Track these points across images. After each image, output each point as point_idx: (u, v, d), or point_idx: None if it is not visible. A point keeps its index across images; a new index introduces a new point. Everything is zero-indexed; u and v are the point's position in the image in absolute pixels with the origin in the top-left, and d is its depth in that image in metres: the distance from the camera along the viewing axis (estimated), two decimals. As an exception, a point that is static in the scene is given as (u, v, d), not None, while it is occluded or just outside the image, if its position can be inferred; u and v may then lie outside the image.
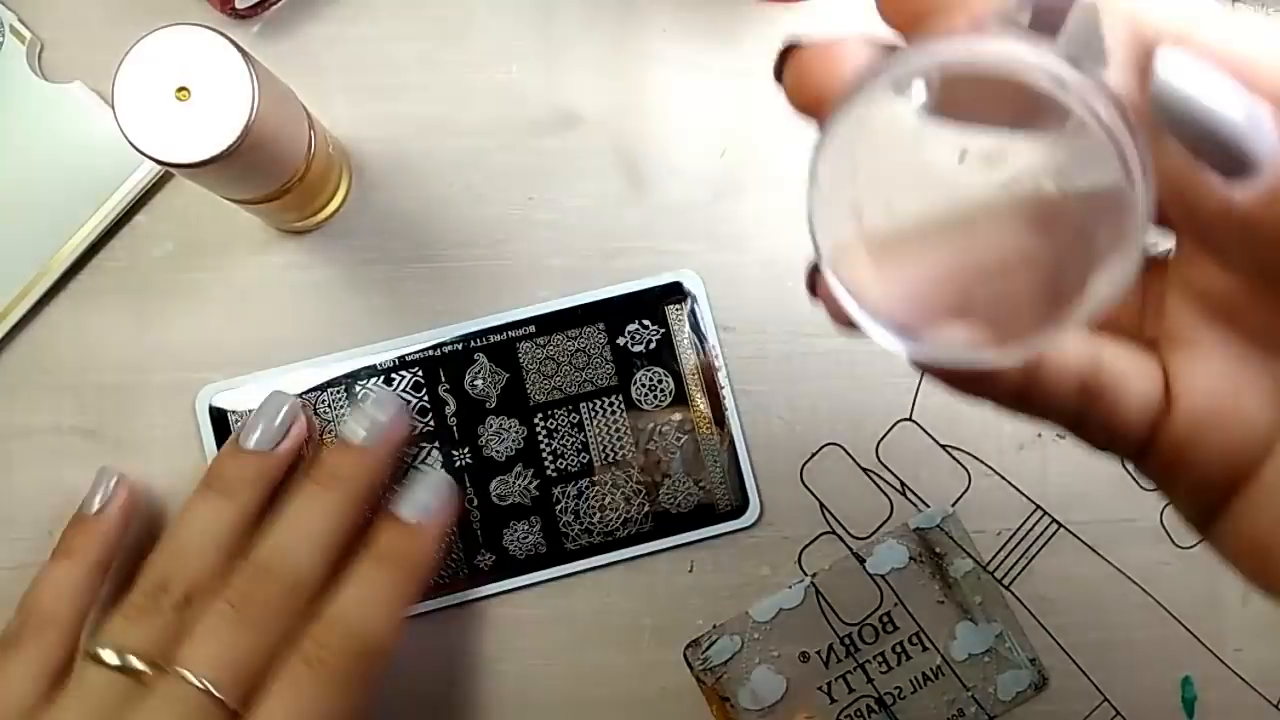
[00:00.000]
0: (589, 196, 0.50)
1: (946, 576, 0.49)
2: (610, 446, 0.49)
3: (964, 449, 0.50)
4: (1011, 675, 0.49)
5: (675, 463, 0.49)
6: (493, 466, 0.49)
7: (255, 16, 0.50)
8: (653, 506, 0.49)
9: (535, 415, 0.49)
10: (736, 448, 0.49)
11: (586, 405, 0.49)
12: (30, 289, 0.49)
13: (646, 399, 0.49)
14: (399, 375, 0.49)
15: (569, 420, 0.49)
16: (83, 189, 0.49)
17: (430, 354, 0.49)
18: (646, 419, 0.49)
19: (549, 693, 0.49)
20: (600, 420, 0.49)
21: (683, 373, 0.49)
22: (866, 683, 0.49)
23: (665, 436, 0.49)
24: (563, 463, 0.49)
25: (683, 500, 0.49)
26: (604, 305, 0.49)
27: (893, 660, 0.49)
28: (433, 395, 0.49)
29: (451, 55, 0.51)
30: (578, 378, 0.49)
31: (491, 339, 0.49)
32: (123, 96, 0.37)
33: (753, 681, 0.49)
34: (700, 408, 0.49)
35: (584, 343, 0.49)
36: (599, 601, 0.50)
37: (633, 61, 0.51)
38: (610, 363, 0.49)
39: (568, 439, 0.49)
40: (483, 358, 0.49)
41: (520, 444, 0.49)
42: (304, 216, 0.48)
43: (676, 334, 0.49)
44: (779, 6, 0.51)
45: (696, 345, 0.49)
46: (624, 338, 0.49)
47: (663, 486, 0.49)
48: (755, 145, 0.50)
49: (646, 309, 0.49)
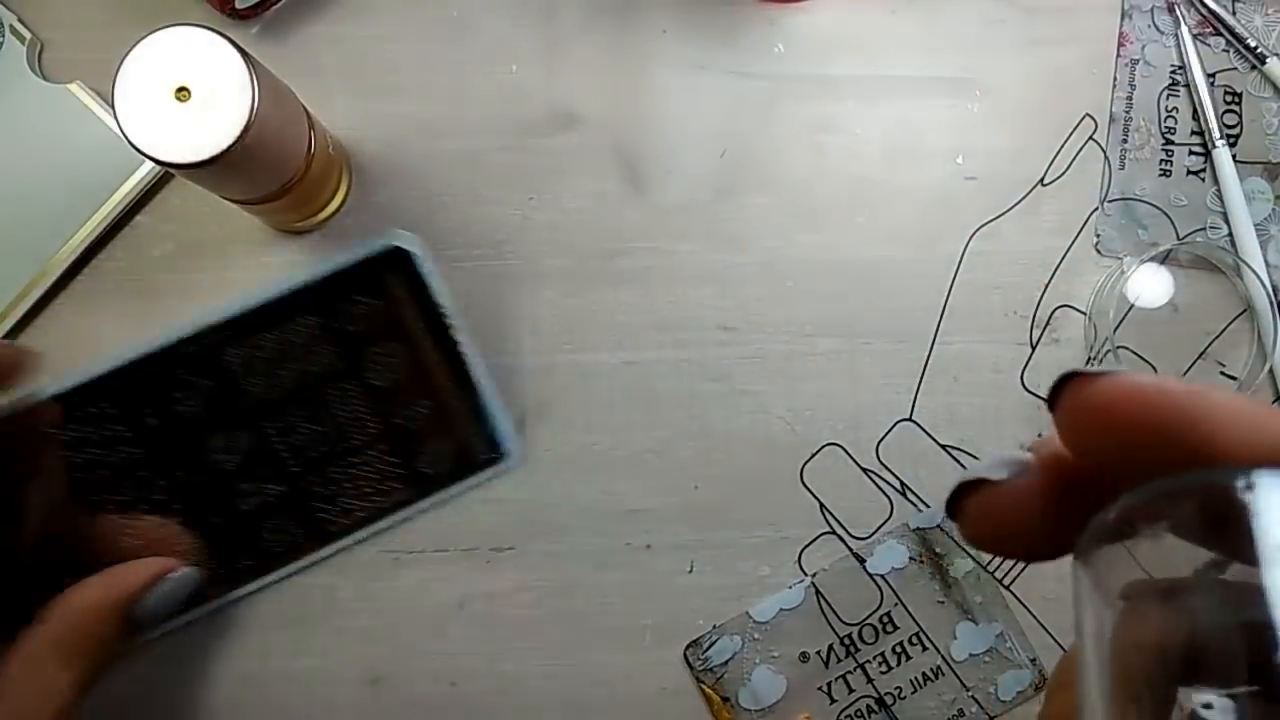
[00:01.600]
0: (589, 196, 0.50)
1: (947, 576, 0.49)
2: (353, 427, 0.48)
3: (964, 449, 0.50)
4: (1012, 675, 0.49)
5: (425, 426, 0.48)
6: (228, 476, 0.47)
7: (255, 16, 0.50)
8: (410, 473, 0.48)
9: (263, 417, 0.47)
10: (482, 398, 0.48)
11: (318, 393, 0.47)
12: (30, 289, 0.49)
13: (381, 373, 0.48)
14: (96, 408, 0.46)
15: (303, 412, 0.47)
16: (83, 189, 0.49)
17: (124, 381, 0.46)
18: (385, 391, 0.48)
19: (549, 693, 0.49)
20: (337, 404, 0.47)
21: (414, 337, 0.48)
22: (866, 683, 0.49)
23: (409, 404, 0.48)
24: (305, 456, 0.47)
25: (437, 460, 0.48)
26: (311, 291, 0.47)
27: (893, 660, 0.49)
28: (134, 424, 0.46)
29: (451, 55, 0.51)
30: (298, 369, 0.47)
31: (190, 350, 0.46)
32: (123, 97, 0.37)
33: (753, 682, 0.49)
34: (438, 367, 0.48)
35: (298, 335, 0.47)
36: (599, 601, 0.50)
37: (633, 61, 0.51)
38: (334, 347, 0.47)
39: (305, 431, 0.47)
40: (184, 374, 0.46)
41: (253, 448, 0.47)
42: (304, 216, 0.48)
43: (400, 300, 0.47)
44: (779, 6, 0.51)
45: (422, 306, 0.48)
46: (342, 319, 0.47)
47: (418, 453, 0.48)
48: (755, 145, 0.50)
49: (362, 283, 0.47)
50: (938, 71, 0.51)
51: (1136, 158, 0.51)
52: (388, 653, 0.49)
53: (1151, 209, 0.51)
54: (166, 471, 0.47)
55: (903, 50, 0.51)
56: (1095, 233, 0.51)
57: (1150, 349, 0.50)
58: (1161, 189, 0.51)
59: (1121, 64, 0.51)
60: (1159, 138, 0.51)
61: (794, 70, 0.51)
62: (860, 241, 0.51)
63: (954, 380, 0.50)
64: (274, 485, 0.48)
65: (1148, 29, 0.51)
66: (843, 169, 0.51)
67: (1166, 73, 0.51)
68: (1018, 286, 0.51)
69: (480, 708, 0.49)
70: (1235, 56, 0.51)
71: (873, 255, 0.51)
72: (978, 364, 0.51)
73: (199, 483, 0.47)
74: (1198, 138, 0.51)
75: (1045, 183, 0.51)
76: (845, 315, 0.51)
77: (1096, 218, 0.51)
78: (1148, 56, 0.51)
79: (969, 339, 0.51)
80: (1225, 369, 0.51)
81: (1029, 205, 0.51)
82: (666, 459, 0.50)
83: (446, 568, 0.49)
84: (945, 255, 0.51)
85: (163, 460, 0.47)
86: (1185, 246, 0.51)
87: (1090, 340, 0.50)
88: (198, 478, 0.47)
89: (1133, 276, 0.49)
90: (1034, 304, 0.51)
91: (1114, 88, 0.51)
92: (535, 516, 0.50)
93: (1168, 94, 0.51)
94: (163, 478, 0.47)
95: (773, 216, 0.51)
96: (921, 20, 0.51)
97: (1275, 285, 0.50)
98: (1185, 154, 0.51)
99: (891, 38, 0.51)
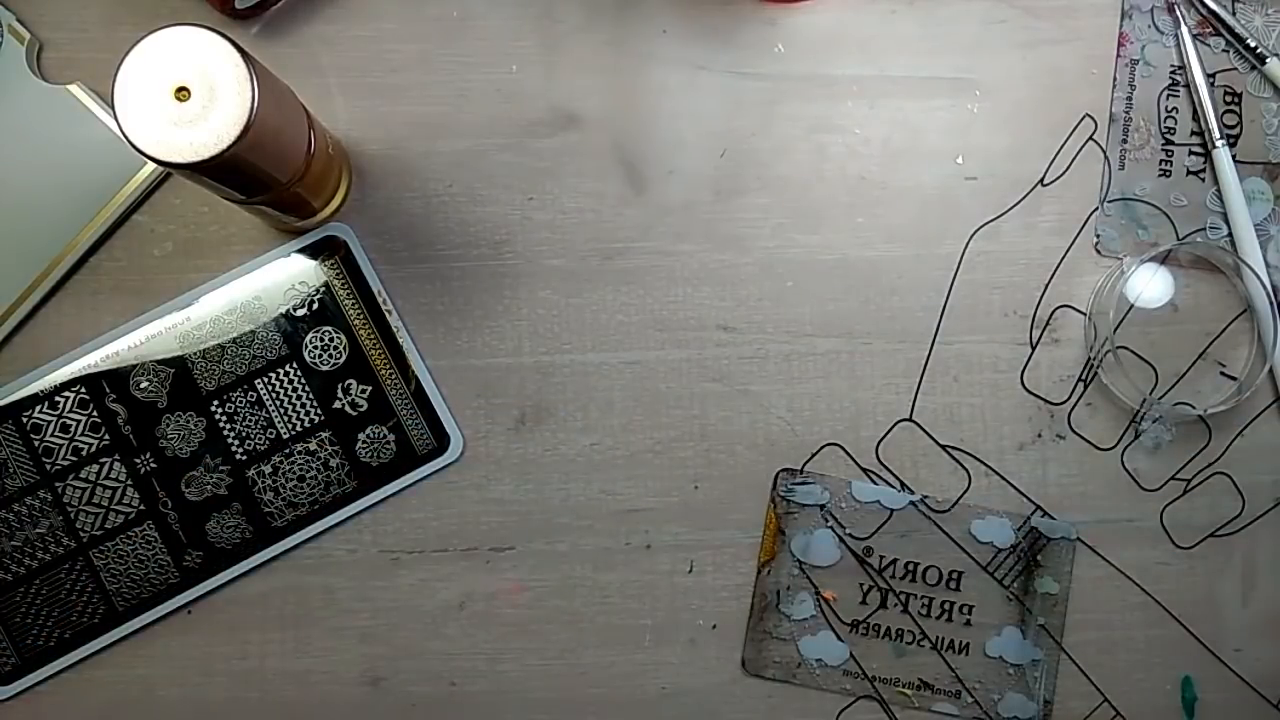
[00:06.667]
0: (589, 196, 0.50)
1: (1030, 584, 0.49)
2: (296, 416, 0.48)
3: (964, 449, 0.50)
4: (1021, 700, 0.49)
5: (365, 416, 0.49)
6: (179, 465, 0.48)
7: (255, 16, 0.50)
8: (353, 464, 0.49)
9: (211, 403, 0.48)
10: (424, 387, 0.49)
11: (262, 381, 0.48)
12: (32, 289, 0.49)
13: (322, 359, 0.48)
14: (62, 398, 0.48)
15: (247, 400, 0.48)
16: (82, 190, 0.49)
17: (90, 368, 0.48)
18: (326, 379, 0.48)
19: (549, 693, 0.49)
20: (280, 393, 0.48)
21: (352, 325, 0.49)
22: (901, 611, 0.49)
23: (349, 392, 0.48)
24: (251, 444, 0.48)
25: (381, 451, 0.49)
26: (254, 283, 0.49)
27: (935, 611, 0.49)
28: (101, 409, 0.48)
29: (451, 55, 0.51)
30: (246, 355, 0.48)
31: (150, 335, 0.48)
32: (123, 97, 0.37)
33: (814, 538, 0.49)
34: (378, 355, 0.49)
35: (244, 321, 0.48)
36: (599, 601, 0.50)
37: (633, 61, 0.51)
38: (277, 333, 0.48)
39: (250, 419, 0.48)
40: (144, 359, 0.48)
41: (203, 436, 0.48)
42: (304, 216, 0.48)
43: (337, 288, 0.48)
44: (779, 7, 0.51)
45: (359, 294, 0.49)
46: (284, 304, 0.48)
47: (358, 442, 0.49)
48: (755, 145, 0.50)
49: (300, 271, 0.49)
50: (938, 72, 0.51)
51: (1136, 158, 0.51)
52: (388, 653, 0.49)
53: (1151, 209, 0.51)
54: (129, 456, 0.48)
55: (903, 50, 0.51)
56: (1095, 233, 0.51)
57: (1150, 349, 0.51)
58: (1161, 189, 0.51)
59: (1121, 64, 0.51)
60: (1159, 138, 0.51)
61: (794, 70, 0.51)
62: (860, 241, 0.51)
63: (954, 380, 0.50)
64: (224, 474, 0.48)
65: (1148, 29, 0.51)
66: (843, 169, 0.51)
67: (1166, 73, 0.51)
68: (1018, 286, 0.51)
69: (480, 708, 0.49)
70: (1235, 56, 0.51)
71: (873, 255, 0.51)
72: (978, 364, 0.51)
73: (154, 471, 0.48)
74: (1198, 138, 0.51)
75: (1045, 183, 0.51)
76: (845, 315, 0.51)
77: (1096, 218, 0.51)
78: (1148, 56, 0.51)
79: (969, 339, 0.51)
80: (1225, 369, 0.51)
81: (1029, 205, 0.51)
82: (666, 459, 0.50)
83: (446, 568, 0.49)
84: (945, 255, 0.51)
85: (125, 445, 0.48)
86: (1185, 246, 0.51)
87: (1090, 340, 0.50)
88: (155, 466, 0.48)
89: (1133, 276, 0.49)
90: (1034, 304, 0.51)
91: (1114, 88, 0.51)
92: (535, 516, 0.50)
93: (1168, 94, 0.51)
94: (126, 463, 0.48)
95: (773, 216, 0.51)
96: (921, 20, 0.51)
97: (1275, 285, 0.50)
98: (1185, 154, 0.51)
99: (891, 38, 0.51)
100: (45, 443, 0.48)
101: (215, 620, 0.49)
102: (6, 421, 0.48)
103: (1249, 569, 0.50)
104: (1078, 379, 0.51)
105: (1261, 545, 0.50)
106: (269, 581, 0.49)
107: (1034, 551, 0.50)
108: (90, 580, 0.48)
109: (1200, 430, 0.50)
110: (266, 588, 0.49)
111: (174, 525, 0.48)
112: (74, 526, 0.48)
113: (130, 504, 0.48)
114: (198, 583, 0.49)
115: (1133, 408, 0.50)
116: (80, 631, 0.48)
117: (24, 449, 0.48)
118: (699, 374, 0.50)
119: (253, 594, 0.49)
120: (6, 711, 0.48)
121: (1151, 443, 0.50)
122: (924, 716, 0.49)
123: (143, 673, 0.49)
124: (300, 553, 0.49)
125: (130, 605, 0.48)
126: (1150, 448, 0.50)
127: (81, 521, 0.48)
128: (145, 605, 0.48)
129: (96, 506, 0.48)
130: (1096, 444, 0.50)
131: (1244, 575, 0.50)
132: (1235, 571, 0.50)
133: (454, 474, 0.50)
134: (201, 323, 0.49)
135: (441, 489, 0.50)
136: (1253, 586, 0.50)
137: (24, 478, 0.48)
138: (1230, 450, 0.50)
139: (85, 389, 0.48)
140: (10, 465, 0.48)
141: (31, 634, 0.48)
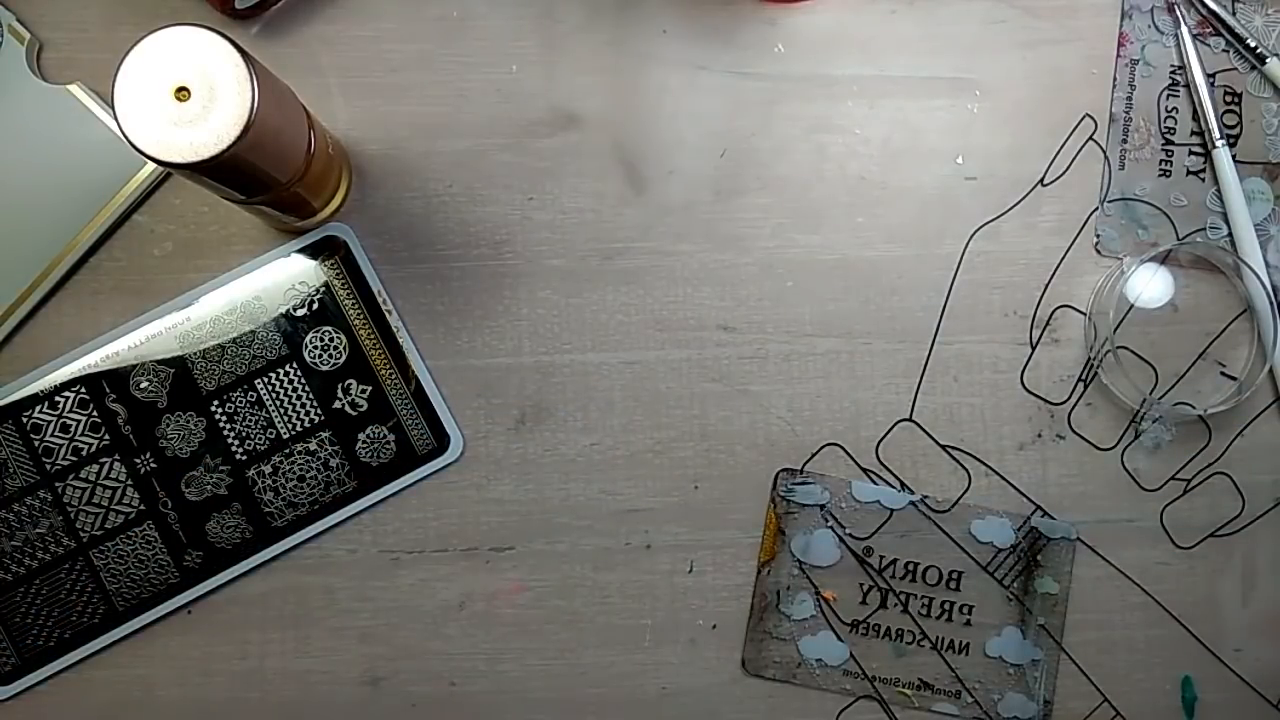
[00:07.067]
0: (589, 196, 0.50)
1: (1030, 584, 0.49)
2: (296, 416, 0.48)
3: (964, 449, 0.50)
4: (1021, 700, 0.49)
5: (365, 416, 0.48)
6: (179, 465, 0.48)
7: (255, 16, 0.50)
8: (353, 464, 0.49)
9: (212, 403, 0.48)
10: (424, 386, 0.49)
11: (262, 381, 0.48)
12: (31, 290, 0.49)
13: (322, 359, 0.48)
14: (62, 398, 0.48)
15: (247, 400, 0.48)
16: (82, 190, 0.49)
17: (90, 368, 0.48)
18: (326, 379, 0.48)
19: (549, 693, 0.49)
20: (280, 393, 0.48)
21: (352, 325, 0.49)
22: (900, 611, 0.49)
23: (349, 392, 0.48)
24: (251, 444, 0.48)
25: (381, 451, 0.49)
26: (254, 283, 0.49)
27: (935, 611, 0.49)
28: (101, 409, 0.48)
29: (451, 55, 0.51)
30: (246, 355, 0.48)
31: (150, 335, 0.48)
32: (123, 97, 0.37)
33: (814, 538, 0.49)
34: (378, 355, 0.49)
35: (245, 321, 0.48)
36: (599, 601, 0.50)
37: (633, 61, 0.51)
38: (277, 333, 0.48)
39: (250, 419, 0.48)
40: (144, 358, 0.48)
41: (203, 436, 0.48)
42: (304, 216, 0.48)
43: (336, 288, 0.48)
44: (779, 7, 0.51)
45: (359, 294, 0.49)
46: (284, 304, 0.48)
47: (358, 443, 0.48)
48: (755, 145, 0.51)
49: (300, 271, 0.49)
50: (937, 72, 0.51)
51: (1136, 158, 0.51)
52: (388, 653, 0.49)
53: (1151, 209, 0.51)
54: (129, 456, 0.48)
55: (903, 50, 0.51)
56: (1095, 233, 0.51)
57: (1150, 349, 0.51)
58: (1161, 189, 0.51)
59: (1121, 64, 0.51)
60: (1159, 138, 0.51)
61: (794, 70, 0.51)
62: (860, 241, 0.51)
63: (954, 380, 0.50)
64: (224, 474, 0.48)
65: (1148, 29, 0.51)
66: (843, 169, 0.51)
67: (1166, 73, 0.51)
68: (1018, 286, 0.51)
69: (480, 708, 0.49)
70: (1235, 56, 0.51)
71: (873, 255, 0.51)
72: (978, 364, 0.51)
73: (154, 471, 0.48)
74: (1198, 138, 0.51)
75: (1045, 183, 0.51)
76: (845, 315, 0.51)
77: (1096, 218, 0.51)
78: (1148, 56, 0.51)
79: (969, 339, 0.51)
80: (1225, 369, 0.51)
81: (1029, 205, 0.51)
82: (666, 459, 0.50)
83: (446, 568, 0.49)
84: (945, 255, 0.51)
85: (125, 445, 0.48)
86: (1185, 246, 0.51)
87: (1090, 340, 0.50)
88: (155, 466, 0.48)
89: (1133, 276, 0.49)
90: (1034, 304, 0.51)
91: (1114, 88, 0.51)
92: (535, 516, 0.50)
93: (1168, 94, 0.51)
94: (126, 463, 0.48)
95: (773, 216, 0.51)
96: (921, 20, 0.51)
97: (1275, 285, 0.50)
98: (1185, 154, 0.51)
99: (891, 38, 0.51)
100: (45, 443, 0.48)
101: (215, 620, 0.49)
102: (6, 421, 0.48)
103: (1249, 569, 0.50)
104: (1078, 379, 0.51)
105: (1261, 545, 0.50)
106: (269, 581, 0.49)
107: (1034, 551, 0.50)
108: (90, 580, 0.48)
109: (1200, 430, 0.50)
110: (266, 588, 0.49)
111: (174, 525, 0.48)
112: (74, 526, 0.48)
113: (130, 504, 0.48)
114: (198, 583, 0.49)
115: (1133, 408, 0.50)
116: (80, 631, 0.48)
117: (24, 449, 0.48)
118: (699, 374, 0.50)
119: (253, 594, 0.49)
120: (6, 711, 0.48)
121: (1151, 443, 0.50)
122: (924, 716, 0.49)
123: (143, 673, 0.49)
124: (300, 553, 0.49)
125: (130, 605, 0.48)
126: (1150, 448, 0.50)
127: (81, 521, 0.48)
128: (145, 605, 0.48)
129: (96, 506, 0.48)
130: (1096, 444, 0.50)
131: (1244, 575, 0.50)
132: (1235, 571, 0.50)
133: (454, 474, 0.50)
134: (201, 323, 0.49)
135: (441, 489, 0.50)
136: (1253, 586, 0.50)
137: (24, 478, 0.48)
138: (1230, 450, 0.50)
139: (85, 389, 0.48)
140: (10, 465, 0.48)
141: (31, 634, 0.48)
